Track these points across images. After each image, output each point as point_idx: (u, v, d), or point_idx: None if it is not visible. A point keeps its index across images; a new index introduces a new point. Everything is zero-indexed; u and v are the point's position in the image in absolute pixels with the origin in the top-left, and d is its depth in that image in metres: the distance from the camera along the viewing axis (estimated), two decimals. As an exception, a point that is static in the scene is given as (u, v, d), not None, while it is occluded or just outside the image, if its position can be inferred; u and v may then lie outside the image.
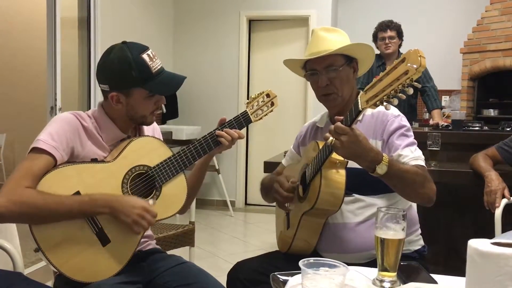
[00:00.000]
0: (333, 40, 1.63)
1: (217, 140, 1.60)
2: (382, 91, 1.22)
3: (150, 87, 1.50)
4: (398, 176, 1.44)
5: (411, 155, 1.54)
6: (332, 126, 1.35)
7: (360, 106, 1.29)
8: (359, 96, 1.31)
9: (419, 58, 1.14)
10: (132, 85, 1.50)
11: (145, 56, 1.50)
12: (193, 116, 5.68)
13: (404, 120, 1.63)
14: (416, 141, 1.61)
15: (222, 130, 1.60)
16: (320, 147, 1.52)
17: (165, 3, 5.61)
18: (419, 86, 1.20)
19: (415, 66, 1.14)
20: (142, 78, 1.48)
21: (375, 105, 1.26)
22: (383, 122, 1.61)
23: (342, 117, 1.36)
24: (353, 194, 1.60)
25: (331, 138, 1.37)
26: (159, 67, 1.53)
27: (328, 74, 1.62)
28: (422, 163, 1.55)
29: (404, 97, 1.21)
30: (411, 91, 1.19)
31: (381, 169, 1.38)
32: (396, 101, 1.23)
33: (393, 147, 1.57)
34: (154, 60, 1.52)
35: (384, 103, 1.24)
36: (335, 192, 1.50)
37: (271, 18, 5.62)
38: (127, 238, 1.48)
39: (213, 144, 1.60)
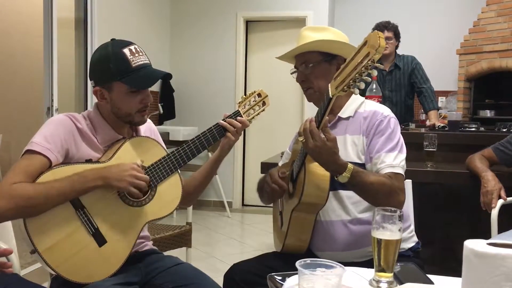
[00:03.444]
0: (314, 38, 1.63)
1: (221, 131, 1.63)
2: (348, 76, 1.27)
3: (127, 81, 1.49)
4: (359, 187, 1.49)
5: (388, 161, 1.54)
6: (306, 124, 1.42)
7: (330, 93, 1.34)
8: (329, 84, 1.35)
9: (378, 39, 1.19)
10: (110, 78, 1.50)
11: (126, 50, 1.50)
12: (190, 117, 5.67)
13: (392, 122, 1.61)
14: (400, 145, 1.59)
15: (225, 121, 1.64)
16: None
17: (162, 4, 5.61)
18: (381, 67, 1.25)
19: (375, 47, 1.18)
20: (120, 71, 1.48)
21: (344, 91, 1.31)
22: (372, 121, 1.61)
23: (313, 118, 1.42)
24: (343, 191, 1.60)
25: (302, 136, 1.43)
26: (141, 62, 1.51)
27: (304, 71, 1.67)
28: (399, 170, 1.54)
29: (369, 80, 1.26)
30: (375, 73, 1.24)
31: (342, 178, 1.45)
32: (362, 85, 1.28)
33: (374, 148, 1.57)
34: (137, 55, 1.51)
35: (351, 88, 1.29)
36: (320, 185, 1.51)
37: (268, 19, 5.63)
38: (124, 239, 1.48)
39: (218, 135, 1.63)
